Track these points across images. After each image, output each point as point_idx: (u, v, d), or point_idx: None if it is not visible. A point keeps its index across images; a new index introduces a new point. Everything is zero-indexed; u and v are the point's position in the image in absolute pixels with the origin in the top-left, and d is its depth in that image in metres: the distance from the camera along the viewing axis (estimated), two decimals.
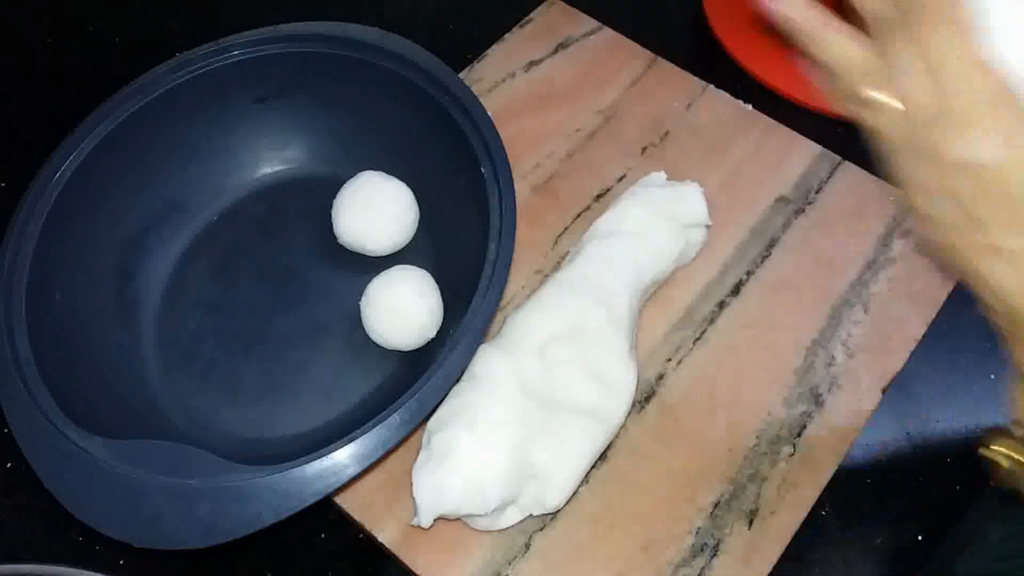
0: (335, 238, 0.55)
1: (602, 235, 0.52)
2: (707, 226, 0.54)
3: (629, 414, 0.48)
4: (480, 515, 0.45)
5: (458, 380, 0.45)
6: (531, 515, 0.46)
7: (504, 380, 0.46)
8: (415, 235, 0.56)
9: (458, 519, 0.46)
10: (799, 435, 0.50)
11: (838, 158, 0.61)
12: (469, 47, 0.67)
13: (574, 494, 0.47)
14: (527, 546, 0.47)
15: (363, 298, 0.51)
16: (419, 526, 0.45)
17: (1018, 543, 0.40)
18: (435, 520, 0.45)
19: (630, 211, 0.53)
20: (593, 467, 0.48)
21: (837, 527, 0.49)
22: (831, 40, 0.35)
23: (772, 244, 0.57)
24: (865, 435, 0.51)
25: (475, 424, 0.45)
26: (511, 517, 0.46)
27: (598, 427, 0.46)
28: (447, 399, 0.47)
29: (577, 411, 0.46)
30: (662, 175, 0.56)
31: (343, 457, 0.42)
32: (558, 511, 0.47)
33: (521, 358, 0.47)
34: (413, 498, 0.45)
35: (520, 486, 0.45)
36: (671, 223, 0.52)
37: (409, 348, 0.51)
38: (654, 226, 0.52)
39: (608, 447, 0.48)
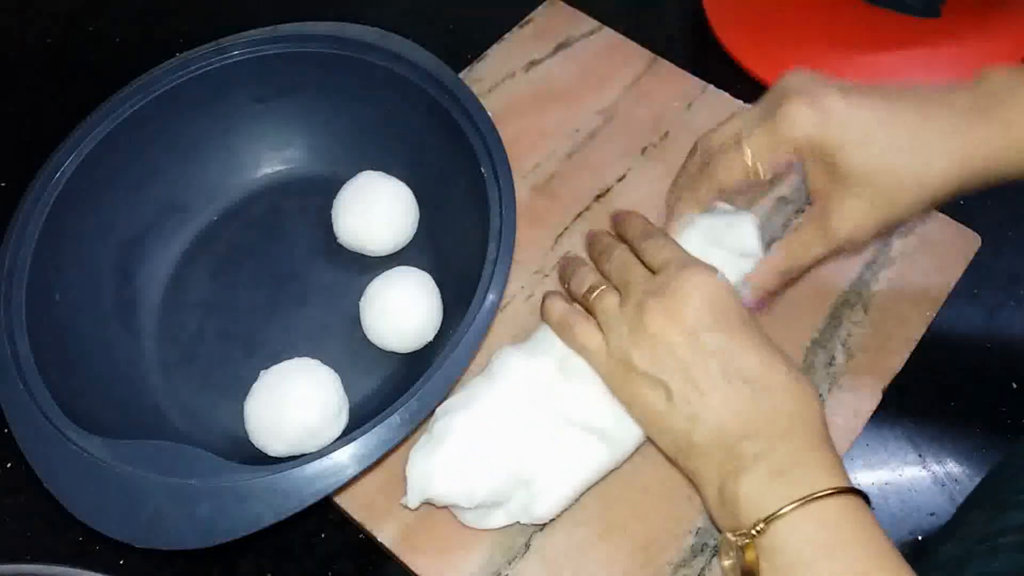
0: (335, 238, 0.55)
1: None
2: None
3: (641, 444, 0.47)
4: (466, 507, 0.45)
5: (459, 380, 0.45)
6: (519, 523, 0.46)
7: (518, 382, 0.46)
8: (415, 235, 0.56)
9: (452, 515, 0.47)
10: None
11: None
12: (469, 47, 0.67)
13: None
14: (527, 546, 0.47)
15: (362, 300, 0.51)
16: (407, 506, 0.45)
17: (994, 526, 0.41)
18: (423, 504, 0.45)
19: (685, 235, 0.49)
20: None
21: None
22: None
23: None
24: (865, 435, 0.51)
25: (476, 417, 0.45)
26: (499, 519, 0.46)
27: (605, 451, 0.45)
28: (459, 389, 0.47)
29: (587, 430, 0.45)
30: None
31: (343, 457, 0.42)
32: None
33: (541, 365, 0.46)
34: (405, 477, 0.45)
35: (511, 489, 0.45)
36: (724, 253, 0.48)
37: (407, 351, 0.51)
38: (705, 255, 0.47)
39: None
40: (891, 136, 0.42)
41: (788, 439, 0.39)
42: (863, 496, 0.38)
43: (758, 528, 0.37)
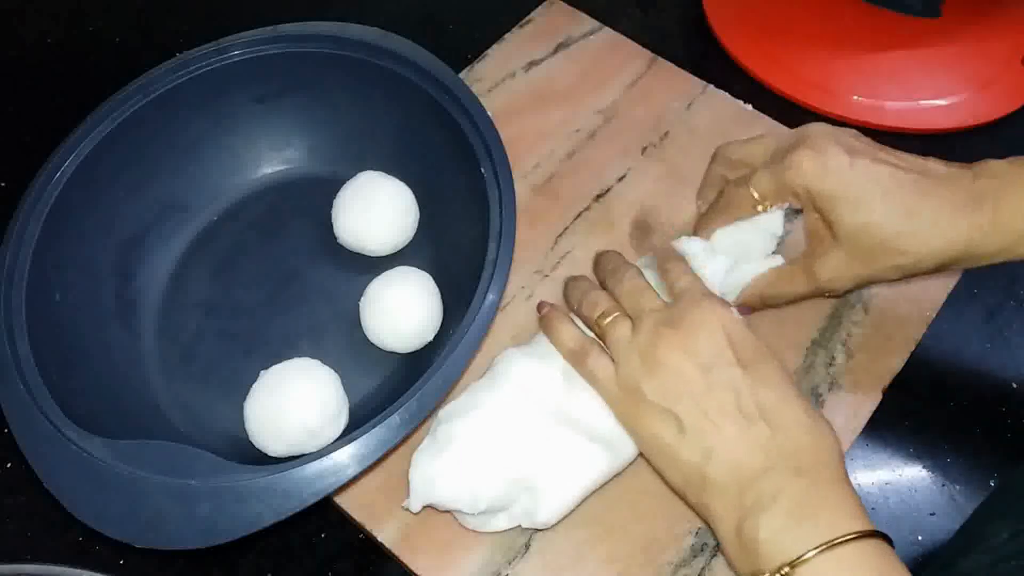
0: (335, 238, 0.55)
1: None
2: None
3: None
4: (469, 513, 0.45)
5: (458, 380, 0.45)
6: (520, 526, 0.46)
7: (523, 386, 0.46)
8: (415, 235, 0.56)
9: (451, 515, 0.47)
10: None
11: None
12: (469, 47, 0.67)
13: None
14: (527, 546, 0.47)
15: (362, 300, 0.51)
16: (408, 509, 0.45)
17: (1022, 543, 0.40)
18: (425, 508, 0.45)
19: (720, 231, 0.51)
20: None
21: None
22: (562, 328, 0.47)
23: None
24: (865, 435, 0.51)
25: (481, 424, 0.45)
26: (501, 523, 0.46)
27: (607, 458, 0.45)
28: (464, 392, 0.47)
29: (590, 436, 0.45)
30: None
31: (343, 457, 0.42)
32: None
33: (546, 369, 0.46)
34: (408, 480, 0.45)
35: (514, 495, 0.45)
36: (754, 229, 0.50)
37: (407, 351, 0.51)
38: (739, 232, 0.50)
39: None
40: (886, 206, 0.45)
41: (807, 476, 0.39)
42: (886, 538, 0.37)
43: (782, 573, 0.36)
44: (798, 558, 0.36)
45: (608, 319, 0.45)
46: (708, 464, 0.40)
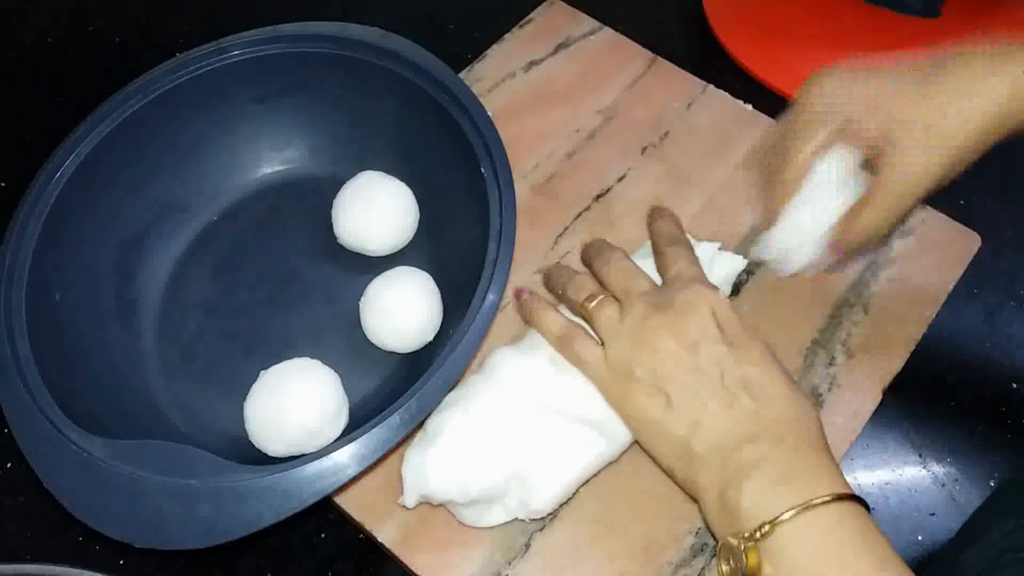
0: (335, 238, 0.55)
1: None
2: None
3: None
4: (463, 504, 0.45)
5: (458, 380, 0.45)
6: (517, 518, 0.46)
7: (513, 379, 0.46)
8: (415, 235, 0.56)
9: (449, 513, 0.47)
10: None
11: None
12: (469, 47, 0.67)
13: (574, 495, 0.47)
14: (527, 546, 0.47)
15: (362, 300, 0.51)
16: (404, 505, 0.45)
17: (1022, 537, 0.41)
18: (421, 504, 0.45)
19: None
20: None
21: None
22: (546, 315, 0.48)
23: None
24: (865, 435, 0.51)
25: (469, 413, 0.45)
26: (497, 516, 0.46)
27: (600, 442, 0.45)
28: (455, 388, 0.47)
29: (582, 421, 0.45)
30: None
31: (343, 457, 0.42)
32: (557, 511, 0.47)
33: (534, 359, 0.47)
34: (400, 476, 0.45)
35: (506, 484, 0.45)
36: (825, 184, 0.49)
37: (406, 351, 0.51)
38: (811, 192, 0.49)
39: None
40: (910, 101, 0.44)
41: (788, 445, 0.39)
42: (862, 503, 0.38)
43: (762, 531, 0.37)
44: (776, 518, 0.37)
45: (595, 302, 0.46)
46: (694, 437, 0.41)
